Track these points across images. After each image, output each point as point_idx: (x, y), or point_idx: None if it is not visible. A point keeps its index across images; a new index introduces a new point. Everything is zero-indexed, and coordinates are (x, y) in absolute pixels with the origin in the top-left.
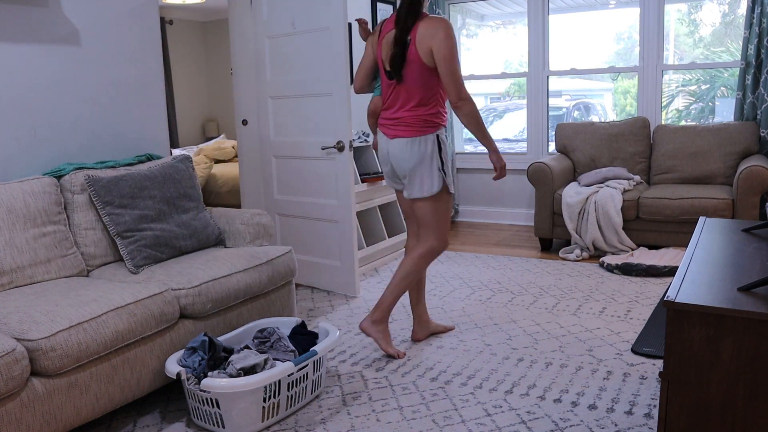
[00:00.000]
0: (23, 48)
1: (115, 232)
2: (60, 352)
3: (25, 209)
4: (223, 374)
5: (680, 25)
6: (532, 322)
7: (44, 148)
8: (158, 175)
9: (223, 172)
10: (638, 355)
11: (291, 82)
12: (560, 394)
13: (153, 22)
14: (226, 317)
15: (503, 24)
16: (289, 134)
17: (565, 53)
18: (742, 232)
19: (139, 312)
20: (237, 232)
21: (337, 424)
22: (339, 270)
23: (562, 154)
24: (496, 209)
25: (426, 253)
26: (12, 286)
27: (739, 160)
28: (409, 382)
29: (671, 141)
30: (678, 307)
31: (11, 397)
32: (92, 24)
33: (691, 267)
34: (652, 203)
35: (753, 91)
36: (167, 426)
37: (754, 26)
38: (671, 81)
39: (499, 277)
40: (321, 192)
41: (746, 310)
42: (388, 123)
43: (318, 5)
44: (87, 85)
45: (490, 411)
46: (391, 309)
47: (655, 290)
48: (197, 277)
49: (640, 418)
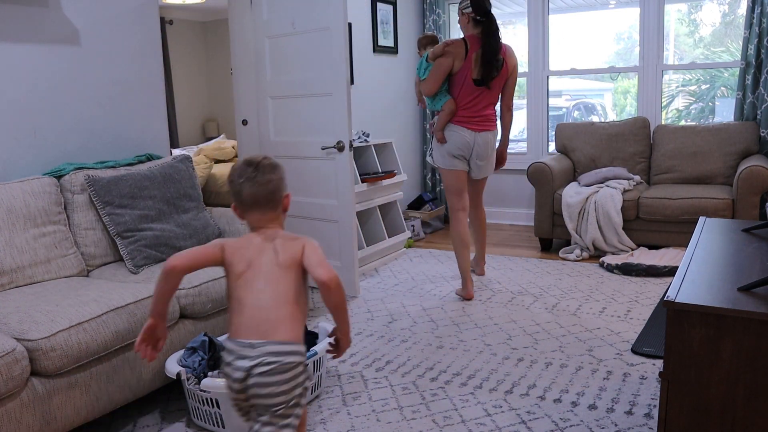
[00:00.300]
0: (23, 48)
1: (115, 232)
2: (60, 352)
3: (25, 209)
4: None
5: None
6: (532, 322)
7: (44, 148)
8: (158, 175)
9: (223, 172)
10: (638, 355)
11: (291, 82)
12: (560, 394)
13: (153, 22)
14: (226, 317)
15: (503, 24)
16: (289, 134)
17: (565, 53)
18: (742, 232)
19: (139, 312)
20: (237, 232)
21: (337, 424)
22: (339, 270)
23: (562, 154)
24: (496, 209)
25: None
26: (12, 286)
27: (739, 160)
28: (409, 382)
29: (671, 141)
30: (678, 307)
31: (11, 397)
32: (92, 24)
33: (691, 267)
34: (652, 203)
35: (753, 91)
36: (167, 426)
37: (754, 26)
38: (671, 81)
39: (499, 277)
40: (321, 192)
41: (746, 310)
42: (476, 119)
43: (318, 5)
44: (87, 85)
45: (490, 411)
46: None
47: (655, 290)
48: (197, 277)
49: (640, 418)
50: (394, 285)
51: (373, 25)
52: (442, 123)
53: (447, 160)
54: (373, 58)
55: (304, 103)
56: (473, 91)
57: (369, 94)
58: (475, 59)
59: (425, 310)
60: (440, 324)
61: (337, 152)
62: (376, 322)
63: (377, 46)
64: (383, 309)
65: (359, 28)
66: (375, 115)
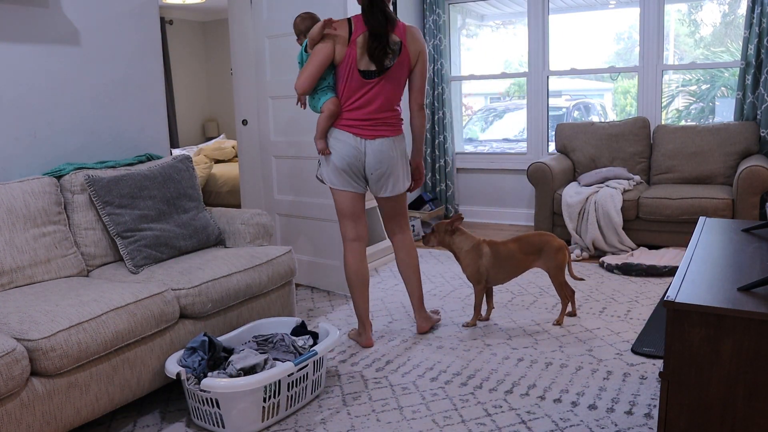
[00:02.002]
0: (23, 48)
1: (115, 232)
2: (60, 352)
3: (25, 209)
4: (223, 374)
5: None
6: (532, 322)
7: (44, 148)
8: (158, 175)
9: (223, 172)
10: (638, 355)
11: (291, 82)
12: (560, 394)
13: (153, 22)
14: (226, 317)
15: (503, 24)
16: (289, 134)
17: (565, 53)
18: (742, 232)
19: (139, 312)
20: (237, 232)
21: (337, 424)
22: (339, 270)
23: (562, 154)
24: (496, 209)
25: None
26: (12, 286)
27: (739, 160)
28: (409, 382)
29: (671, 141)
30: (678, 307)
31: (11, 397)
32: (92, 24)
33: (691, 267)
34: (652, 203)
35: (753, 91)
36: (167, 426)
37: (754, 26)
38: (671, 81)
39: None
40: (321, 192)
41: (746, 310)
42: (367, 124)
43: (318, 5)
44: (87, 85)
45: (490, 411)
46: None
47: (655, 290)
48: (197, 277)
49: (640, 418)
50: (394, 285)
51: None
52: (323, 129)
53: (333, 176)
54: None
55: None
56: (361, 86)
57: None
58: (361, 44)
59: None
60: (440, 324)
61: None
62: (376, 322)
63: None
64: (383, 309)
65: None
66: None
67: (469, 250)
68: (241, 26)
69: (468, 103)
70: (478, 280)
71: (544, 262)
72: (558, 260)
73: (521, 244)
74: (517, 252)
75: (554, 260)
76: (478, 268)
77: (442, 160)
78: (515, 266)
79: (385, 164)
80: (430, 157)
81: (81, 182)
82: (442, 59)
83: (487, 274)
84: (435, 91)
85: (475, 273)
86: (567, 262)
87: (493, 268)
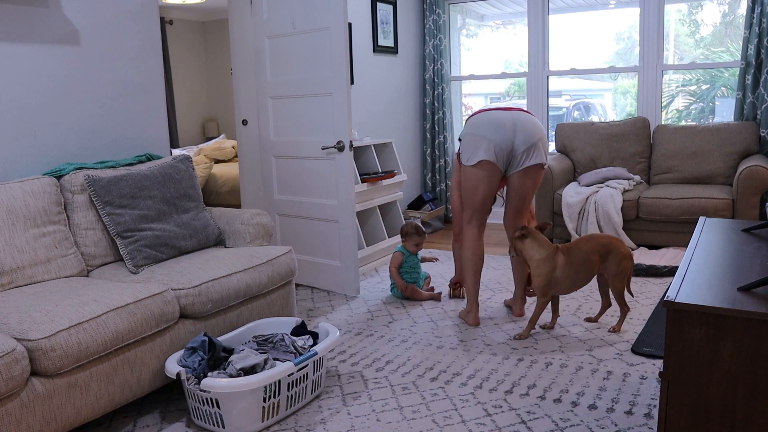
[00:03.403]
0: (23, 48)
1: (115, 232)
2: (60, 352)
3: (25, 209)
4: (223, 374)
5: (680, 25)
6: None
7: (44, 148)
8: (158, 175)
9: (223, 172)
10: (638, 355)
11: (291, 82)
12: (560, 394)
13: (153, 22)
14: (226, 317)
15: (503, 24)
16: (289, 134)
17: (565, 53)
18: (742, 232)
19: (139, 312)
20: (237, 232)
21: (337, 424)
22: (339, 270)
23: (562, 154)
24: (496, 209)
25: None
26: (12, 286)
27: (739, 160)
28: (409, 382)
29: (671, 141)
30: (678, 307)
31: (11, 397)
32: (92, 24)
33: (691, 267)
34: (652, 203)
35: (753, 91)
36: (167, 426)
37: (754, 26)
38: (671, 81)
39: (499, 277)
40: (321, 192)
41: (746, 310)
42: (506, 108)
43: (318, 5)
44: (87, 85)
45: (490, 411)
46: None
47: (655, 290)
48: (197, 277)
49: (640, 418)
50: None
51: (373, 25)
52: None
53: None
54: (373, 58)
55: (304, 103)
56: None
57: (369, 94)
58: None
59: (425, 310)
60: (440, 324)
61: (337, 152)
62: (376, 322)
63: (377, 46)
64: (383, 309)
65: (359, 28)
66: (375, 115)
67: (542, 260)
68: (241, 26)
69: (468, 103)
70: (544, 293)
71: (609, 266)
72: (622, 267)
73: (592, 244)
74: (590, 253)
75: (619, 266)
76: (549, 281)
77: (442, 160)
78: (589, 270)
79: (533, 133)
80: (430, 157)
81: (81, 182)
82: (442, 59)
83: (557, 286)
84: (435, 91)
85: (544, 286)
86: (630, 274)
87: (567, 278)
